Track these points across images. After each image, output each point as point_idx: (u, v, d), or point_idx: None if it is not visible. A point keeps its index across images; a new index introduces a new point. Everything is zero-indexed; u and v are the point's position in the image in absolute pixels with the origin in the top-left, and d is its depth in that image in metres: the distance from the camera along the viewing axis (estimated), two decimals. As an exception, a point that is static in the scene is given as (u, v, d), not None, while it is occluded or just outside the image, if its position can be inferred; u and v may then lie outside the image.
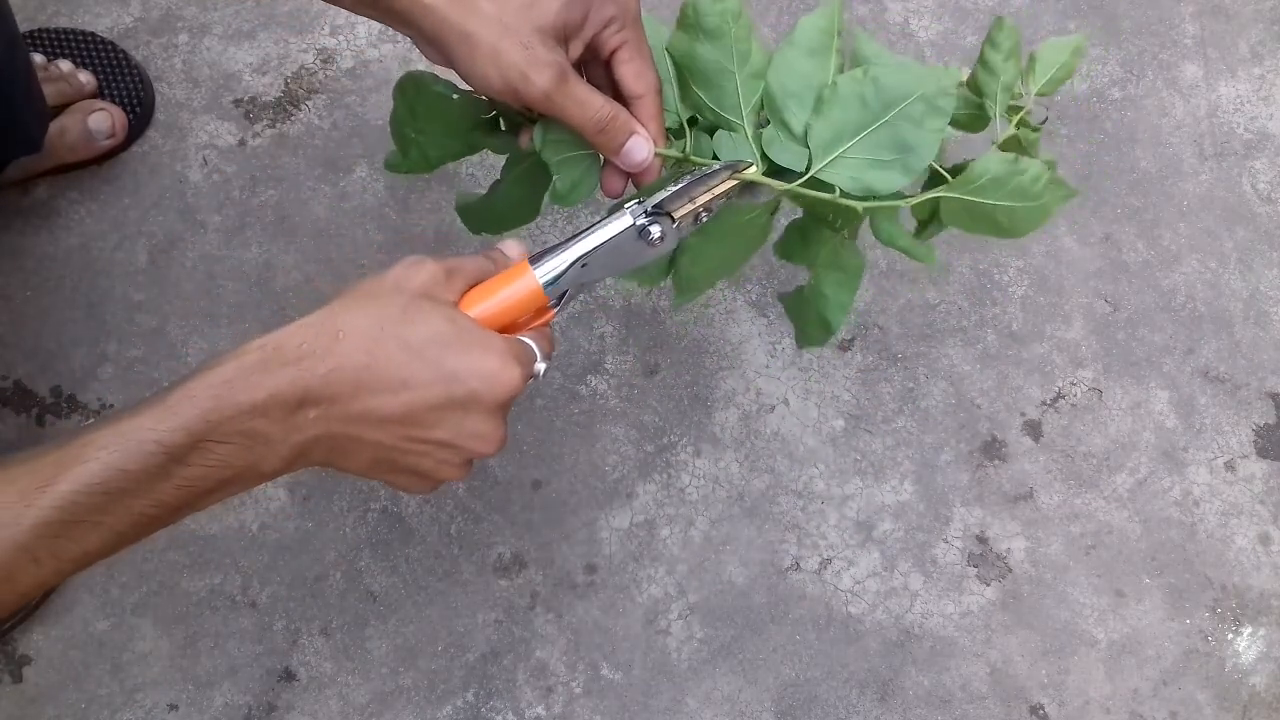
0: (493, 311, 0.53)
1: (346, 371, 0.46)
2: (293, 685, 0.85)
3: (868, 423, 0.94)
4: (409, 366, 0.47)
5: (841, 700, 0.87)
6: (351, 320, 0.47)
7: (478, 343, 0.49)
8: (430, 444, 0.49)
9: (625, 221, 0.56)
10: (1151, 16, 1.10)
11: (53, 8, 1.02)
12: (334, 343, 0.46)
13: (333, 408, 0.46)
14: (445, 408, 0.48)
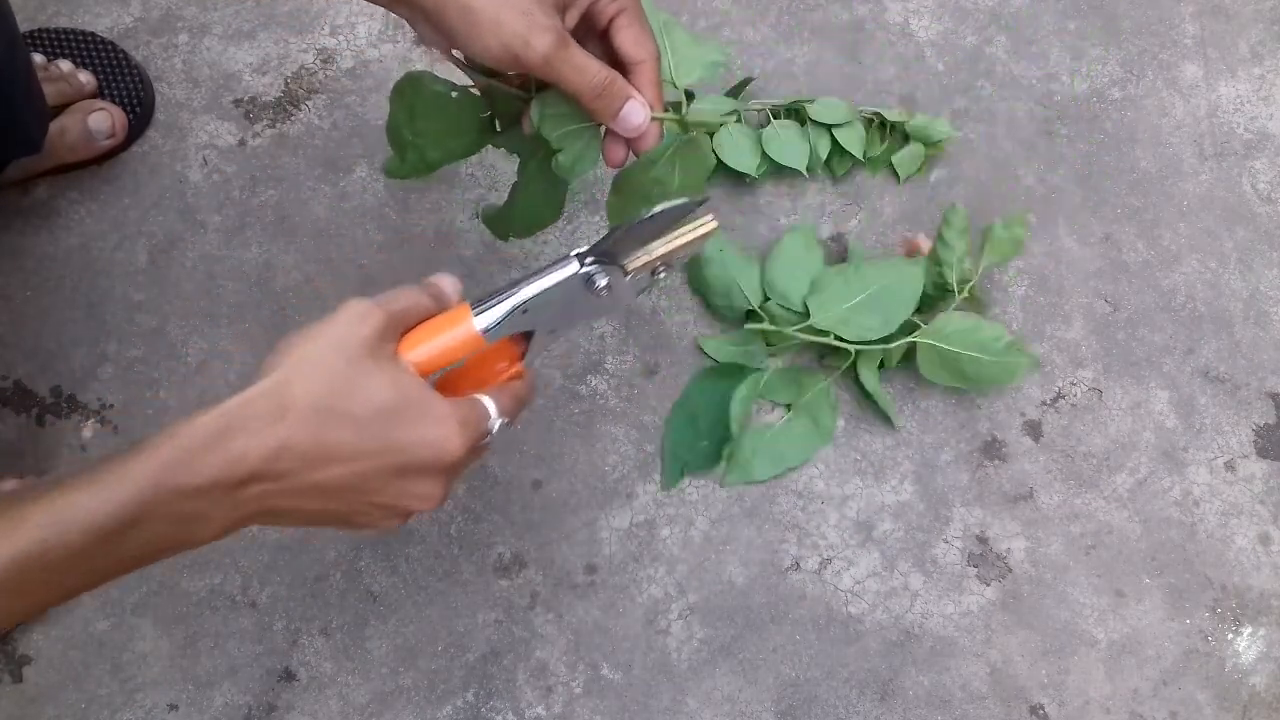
0: (431, 356, 0.53)
1: (293, 449, 0.46)
2: (293, 685, 0.85)
3: (868, 423, 0.94)
4: (355, 441, 0.47)
5: (841, 700, 0.87)
6: (298, 393, 0.46)
7: (423, 412, 0.49)
8: (372, 506, 0.50)
9: (570, 269, 0.55)
10: (1151, 16, 1.10)
11: (53, 8, 1.02)
12: (280, 421, 0.45)
13: (277, 483, 0.46)
14: (389, 475, 0.49)
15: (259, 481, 0.45)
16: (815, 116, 0.98)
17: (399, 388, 0.49)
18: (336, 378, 0.47)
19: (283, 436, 0.45)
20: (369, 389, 0.48)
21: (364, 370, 0.48)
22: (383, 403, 0.48)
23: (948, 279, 0.93)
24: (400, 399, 0.48)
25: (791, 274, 0.93)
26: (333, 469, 0.47)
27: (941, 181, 1.03)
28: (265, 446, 0.45)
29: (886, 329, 0.90)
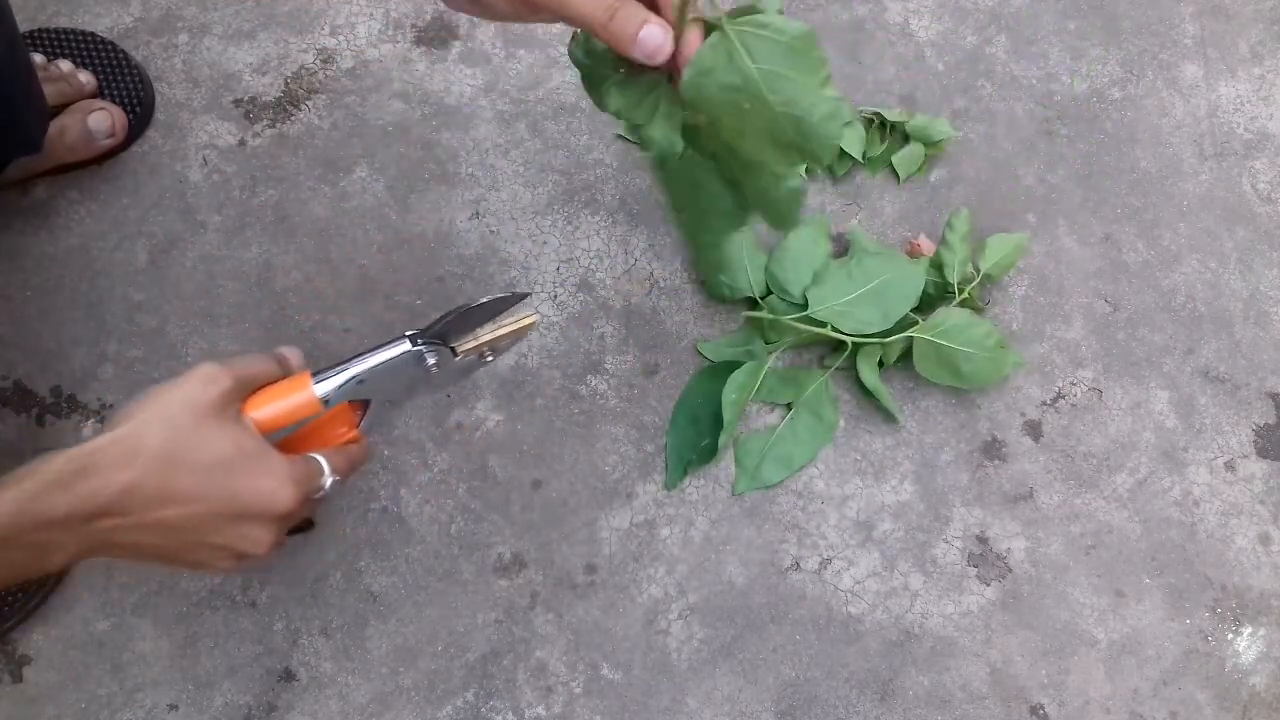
0: (272, 416, 0.59)
1: (140, 490, 0.51)
2: (293, 685, 0.85)
3: (868, 422, 0.94)
4: (196, 486, 0.53)
5: (841, 700, 0.87)
6: (147, 443, 0.52)
7: (259, 465, 0.55)
8: (207, 546, 0.55)
9: (402, 347, 0.62)
10: (1151, 16, 1.10)
11: (53, 8, 1.02)
12: (130, 465, 0.51)
13: (124, 519, 0.52)
14: (224, 519, 0.55)
15: (108, 517, 0.51)
16: (815, 116, 0.98)
17: (238, 443, 0.55)
18: (183, 431, 0.53)
19: (131, 478, 0.51)
20: (211, 442, 0.54)
21: (208, 425, 0.54)
22: (222, 455, 0.54)
23: (949, 280, 0.94)
24: (238, 452, 0.54)
25: (795, 266, 0.93)
26: (173, 509, 0.53)
27: (941, 181, 1.03)
28: (116, 486, 0.50)
29: (885, 323, 0.90)
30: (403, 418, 0.92)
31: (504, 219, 0.99)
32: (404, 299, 0.95)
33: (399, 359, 0.62)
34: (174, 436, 0.52)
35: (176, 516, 0.53)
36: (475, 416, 0.93)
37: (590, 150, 1.02)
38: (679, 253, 0.99)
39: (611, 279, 0.98)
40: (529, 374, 0.94)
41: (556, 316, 0.96)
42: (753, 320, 0.94)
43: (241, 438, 0.55)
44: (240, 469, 0.54)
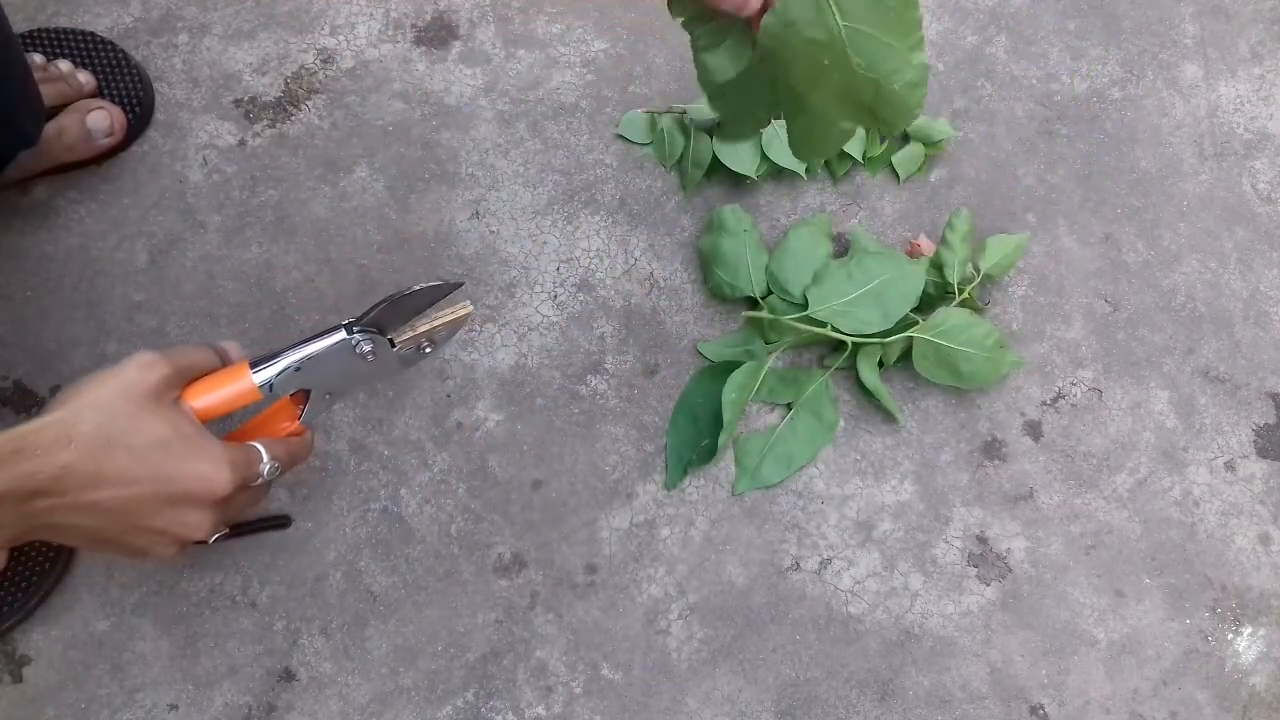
0: (211, 404, 0.60)
1: (76, 471, 0.52)
2: (293, 685, 0.85)
3: (868, 422, 0.94)
4: (132, 469, 0.54)
5: (841, 700, 0.87)
6: (83, 428, 0.52)
7: (195, 450, 0.56)
8: (145, 530, 0.56)
9: (338, 336, 0.62)
10: (1151, 16, 1.10)
11: (53, 8, 1.02)
12: (66, 447, 0.52)
13: (62, 499, 0.52)
14: (160, 503, 0.55)
15: (45, 497, 0.52)
16: (815, 116, 0.98)
17: (175, 426, 0.55)
18: (119, 415, 0.54)
19: (67, 460, 0.51)
20: (147, 426, 0.54)
21: (145, 410, 0.55)
22: (157, 438, 0.54)
23: (949, 280, 0.94)
24: (174, 436, 0.55)
25: (795, 266, 0.94)
26: (109, 491, 0.53)
27: (941, 181, 1.03)
28: (52, 467, 0.51)
29: (885, 323, 0.90)
30: (403, 418, 0.92)
31: (504, 219, 0.99)
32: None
33: (335, 347, 0.63)
34: (110, 420, 0.53)
35: (113, 499, 0.54)
36: (475, 416, 0.93)
37: (590, 150, 1.02)
38: (679, 252, 0.99)
39: (611, 279, 0.98)
40: (529, 374, 0.94)
41: (556, 316, 0.96)
42: (753, 320, 0.94)
43: (178, 422, 0.56)
44: (176, 453, 0.55)
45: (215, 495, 0.57)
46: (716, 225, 0.96)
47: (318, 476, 0.90)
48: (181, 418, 0.57)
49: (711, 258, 0.95)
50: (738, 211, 0.96)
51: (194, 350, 0.60)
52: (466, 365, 0.94)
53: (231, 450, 0.58)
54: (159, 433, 0.55)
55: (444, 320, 0.67)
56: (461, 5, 1.06)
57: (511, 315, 0.96)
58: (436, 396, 0.93)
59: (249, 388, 0.61)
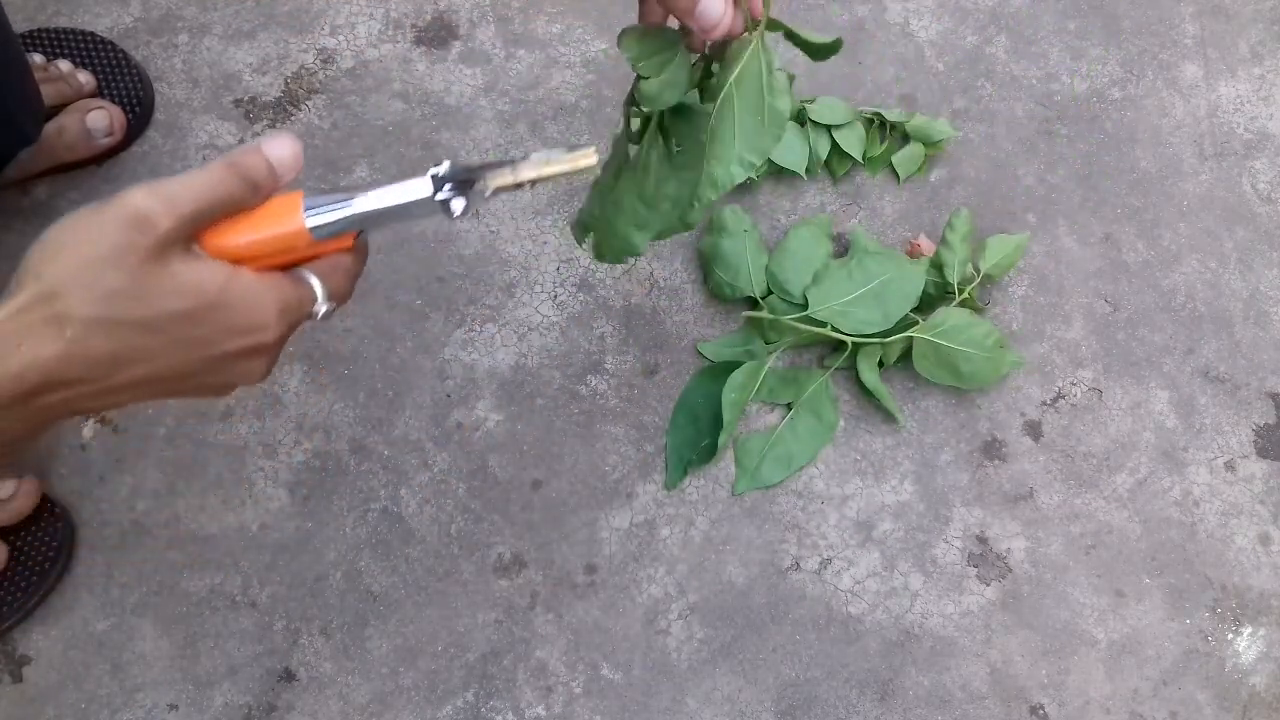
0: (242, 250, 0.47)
1: (81, 358, 0.42)
2: (293, 685, 0.85)
3: (868, 422, 0.94)
4: (157, 344, 0.44)
5: (841, 700, 0.87)
6: (73, 306, 0.42)
7: (230, 305, 0.45)
8: (193, 385, 0.47)
9: (423, 192, 0.51)
10: (1151, 16, 1.10)
11: (53, 8, 1.02)
12: (58, 335, 0.42)
13: (76, 389, 0.43)
14: (202, 365, 0.46)
15: (53, 390, 0.43)
16: (815, 117, 0.99)
17: (197, 289, 0.44)
18: (116, 293, 0.42)
19: (64, 348, 0.42)
20: (158, 296, 0.43)
21: (149, 278, 0.43)
22: (177, 308, 0.44)
23: (949, 280, 0.94)
24: (198, 299, 0.44)
25: (796, 266, 0.94)
26: (134, 369, 0.44)
27: (941, 181, 1.03)
28: (47, 359, 0.42)
29: (885, 323, 0.90)
30: (403, 418, 0.92)
31: (504, 219, 0.99)
32: (404, 299, 0.95)
33: (417, 203, 0.51)
34: (106, 299, 0.42)
35: (142, 375, 0.44)
36: (475, 416, 0.93)
37: (590, 150, 1.02)
38: (679, 252, 0.99)
39: (611, 279, 0.98)
40: (529, 374, 0.94)
41: (556, 316, 0.96)
42: (753, 320, 0.94)
43: (199, 280, 0.44)
44: (206, 316, 0.45)
45: (265, 345, 0.47)
46: (716, 226, 0.96)
47: (318, 476, 0.90)
48: (200, 273, 0.44)
49: (711, 258, 0.95)
50: (738, 212, 0.96)
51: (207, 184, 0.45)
52: (466, 365, 0.94)
53: (279, 290, 0.47)
54: (176, 301, 0.44)
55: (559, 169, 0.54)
56: (461, 5, 1.06)
57: (511, 315, 0.96)
58: (436, 396, 0.93)
59: (297, 231, 0.48)
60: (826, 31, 1.06)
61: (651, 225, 0.68)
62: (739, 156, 0.62)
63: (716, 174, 0.63)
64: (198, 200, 0.45)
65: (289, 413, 0.92)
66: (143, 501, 0.89)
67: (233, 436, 0.91)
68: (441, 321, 0.95)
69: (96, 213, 0.43)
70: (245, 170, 0.46)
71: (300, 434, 0.92)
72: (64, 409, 0.44)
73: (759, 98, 0.60)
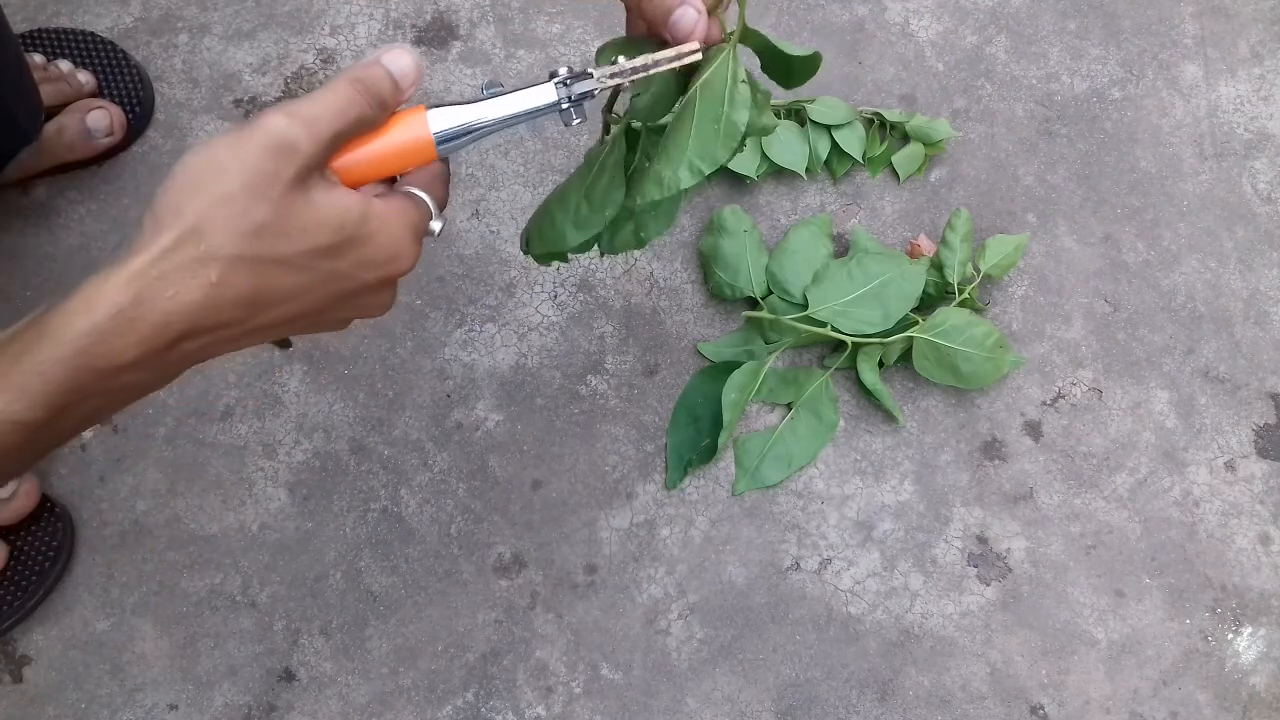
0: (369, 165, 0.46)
1: (226, 301, 0.41)
2: (293, 685, 0.85)
3: (868, 422, 0.94)
4: (297, 280, 0.43)
5: (841, 700, 0.87)
6: (217, 243, 0.40)
7: (369, 236, 0.44)
8: (323, 322, 0.47)
9: (548, 96, 0.50)
10: (1151, 16, 1.10)
11: (53, 8, 1.02)
12: (203, 274, 0.40)
13: (215, 335, 0.42)
14: (338, 300, 0.45)
15: (193, 338, 0.41)
16: (815, 117, 0.99)
17: (340, 221, 0.43)
18: (262, 228, 0.41)
19: (210, 293, 0.40)
20: (302, 227, 0.42)
21: (293, 210, 0.42)
22: (321, 240, 0.43)
23: (949, 280, 0.94)
24: (339, 232, 0.43)
25: (796, 266, 0.94)
26: (275, 310, 0.43)
27: (941, 181, 1.03)
28: (192, 305, 0.40)
29: (885, 323, 0.90)
30: (403, 418, 0.92)
31: (504, 219, 0.99)
32: (404, 298, 0.95)
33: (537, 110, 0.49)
34: (252, 233, 0.40)
35: (281, 315, 0.43)
36: (475, 416, 0.93)
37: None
38: (679, 252, 0.99)
39: (611, 279, 0.98)
40: (529, 374, 0.94)
41: (556, 316, 0.96)
42: (753, 320, 0.94)
43: (341, 207, 0.43)
44: (347, 248, 0.43)
45: (400, 274, 0.46)
46: (717, 226, 0.96)
47: (318, 476, 0.90)
48: (340, 201, 0.43)
49: (712, 258, 0.95)
50: (738, 212, 0.96)
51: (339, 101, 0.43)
52: (466, 365, 0.94)
53: (405, 214, 0.46)
54: (320, 234, 0.42)
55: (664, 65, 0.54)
56: (461, 5, 1.06)
57: (511, 315, 0.96)
58: (436, 396, 0.93)
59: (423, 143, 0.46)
60: (826, 31, 1.06)
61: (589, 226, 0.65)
62: (689, 161, 0.61)
63: (664, 175, 0.62)
64: (334, 121, 0.43)
65: (289, 413, 0.92)
66: (143, 501, 0.89)
67: (233, 436, 0.91)
68: (441, 321, 0.95)
69: (234, 140, 0.41)
70: (371, 85, 0.45)
71: (300, 434, 0.92)
72: (201, 355, 0.43)
73: (719, 107, 0.60)
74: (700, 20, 0.55)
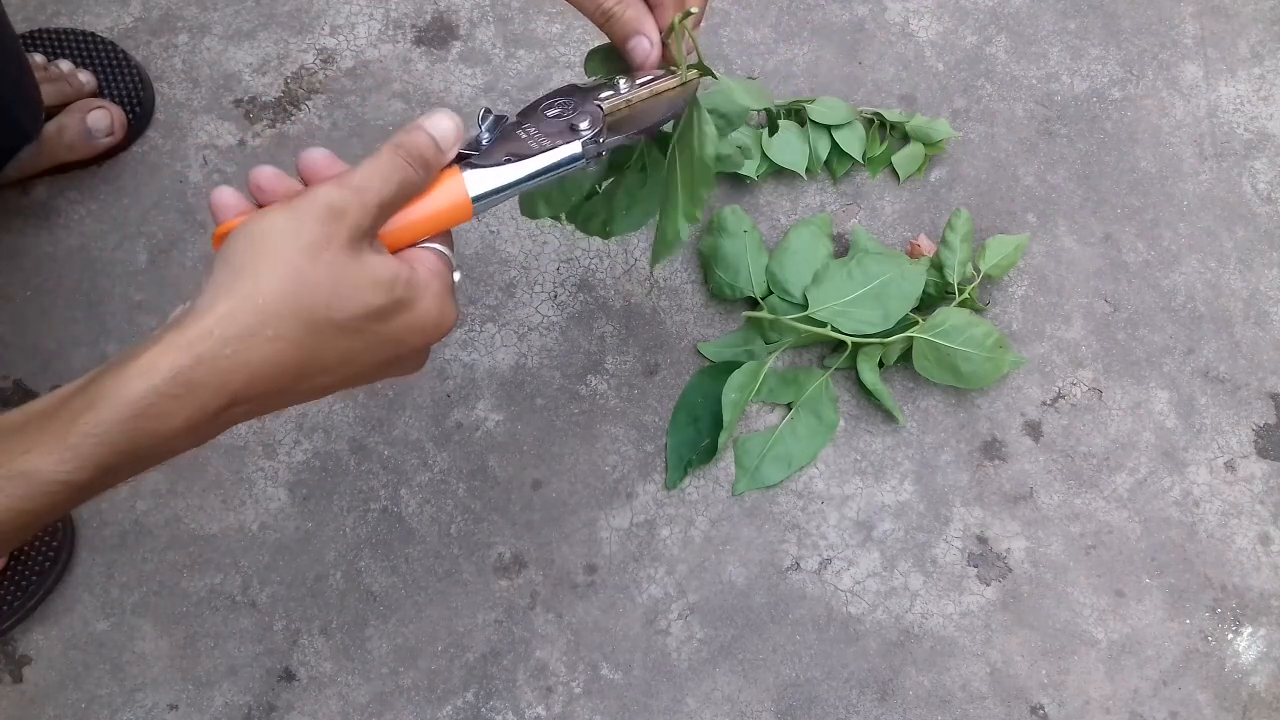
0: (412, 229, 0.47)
1: (278, 367, 0.42)
2: (293, 685, 0.85)
3: (868, 422, 0.94)
4: (348, 346, 0.44)
5: (841, 700, 0.87)
6: (274, 307, 0.41)
7: (414, 302, 0.45)
8: (359, 384, 0.48)
9: (574, 151, 0.52)
10: (1151, 16, 1.10)
11: (53, 8, 1.02)
12: (259, 338, 0.41)
13: (264, 401, 0.43)
14: (382, 365, 0.46)
15: (245, 402, 0.42)
16: (815, 117, 0.99)
17: (390, 284, 0.44)
18: (317, 288, 0.42)
19: (265, 358, 0.41)
20: (355, 291, 0.43)
21: (345, 272, 0.43)
22: (373, 303, 0.44)
23: (949, 280, 0.94)
24: (390, 295, 0.44)
25: (796, 266, 0.94)
26: (323, 378, 0.44)
27: (941, 181, 1.03)
28: (246, 371, 0.41)
29: (886, 323, 0.90)
30: (403, 418, 0.92)
31: (504, 219, 0.99)
32: (404, 299, 0.95)
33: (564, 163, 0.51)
34: (309, 297, 0.41)
35: (328, 382, 0.45)
36: (475, 416, 0.93)
37: (590, 150, 1.02)
38: (679, 252, 0.99)
39: (611, 279, 0.98)
40: (529, 374, 0.94)
41: (556, 316, 0.96)
42: (753, 320, 0.94)
43: (390, 272, 0.44)
44: (394, 312, 0.45)
45: (438, 338, 0.47)
46: (717, 226, 0.96)
47: (318, 476, 0.90)
48: (388, 268, 0.45)
49: (712, 258, 0.95)
50: (738, 212, 0.96)
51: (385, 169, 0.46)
52: (466, 365, 0.94)
53: (442, 279, 0.47)
54: (370, 298, 0.43)
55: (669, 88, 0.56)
56: (461, 5, 1.06)
57: (511, 315, 0.96)
58: (436, 396, 0.93)
59: (461, 205, 0.48)
60: (826, 31, 1.06)
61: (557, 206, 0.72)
62: (685, 211, 0.67)
63: (667, 233, 0.68)
64: (382, 188, 0.45)
65: (289, 413, 0.92)
66: (143, 501, 0.89)
67: (233, 436, 0.91)
68: (441, 321, 0.95)
69: (289, 208, 0.43)
70: (415, 151, 0.47)
71: (300, 434, 0.92)
72: (243, 418, 0.43)
73: (693, 150, 0.63)
74: (653, 51, 0.58)
